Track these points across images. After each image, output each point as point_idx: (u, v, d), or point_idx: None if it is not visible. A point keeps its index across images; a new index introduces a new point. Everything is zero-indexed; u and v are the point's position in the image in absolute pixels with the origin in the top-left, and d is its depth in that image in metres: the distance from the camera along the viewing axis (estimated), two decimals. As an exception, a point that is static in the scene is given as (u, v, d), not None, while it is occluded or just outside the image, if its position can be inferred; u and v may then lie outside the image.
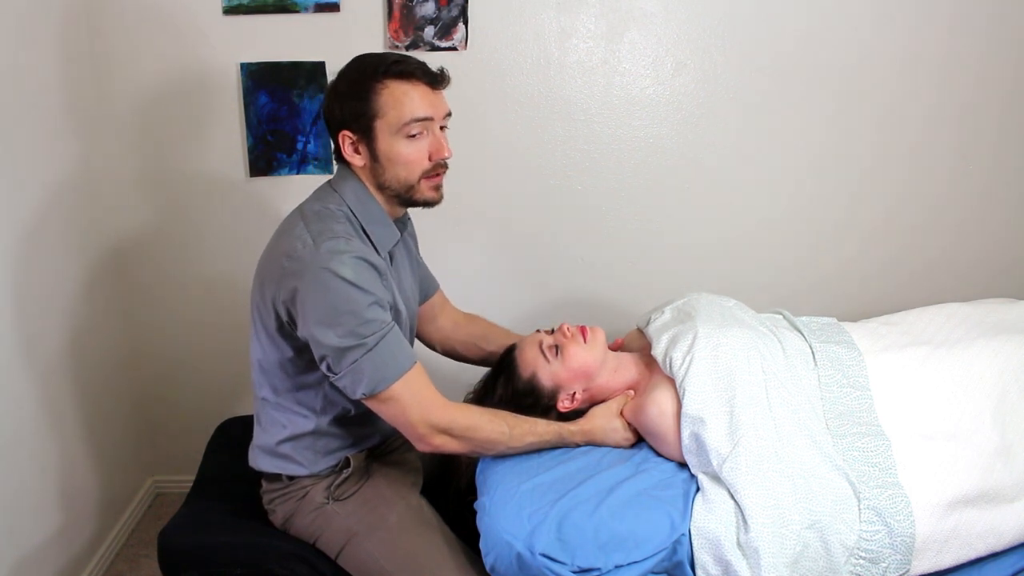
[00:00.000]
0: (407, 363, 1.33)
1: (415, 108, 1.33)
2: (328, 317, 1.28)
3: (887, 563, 1.31)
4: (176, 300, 2.22)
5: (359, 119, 1.34)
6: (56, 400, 1.88)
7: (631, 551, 1.29)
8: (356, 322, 1.28)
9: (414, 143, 1.35)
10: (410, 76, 1.33)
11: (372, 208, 1.39)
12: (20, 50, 1.72)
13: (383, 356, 1.30)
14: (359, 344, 1.28)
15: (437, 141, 1.37)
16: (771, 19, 2.02)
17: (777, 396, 1.44)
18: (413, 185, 1.37)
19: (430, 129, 1.36)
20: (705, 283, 2.17)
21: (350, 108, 1.34)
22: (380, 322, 1.31)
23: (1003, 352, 1.50)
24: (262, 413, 1.48)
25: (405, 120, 1.32)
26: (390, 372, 1.31)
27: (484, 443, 1.40)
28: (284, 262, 1.32)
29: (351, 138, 1.36)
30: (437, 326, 1.75)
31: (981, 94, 2.10)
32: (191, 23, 1.97)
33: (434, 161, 1.37)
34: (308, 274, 1.28)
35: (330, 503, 1.46)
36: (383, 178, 1.37)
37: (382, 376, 1.31)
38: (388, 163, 1.35)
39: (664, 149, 2.12)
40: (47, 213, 1.83)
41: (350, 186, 1.39)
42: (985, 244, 2.24)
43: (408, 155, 1.35)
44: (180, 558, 1.45)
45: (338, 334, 1.28)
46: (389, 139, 1.34)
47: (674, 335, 1.54)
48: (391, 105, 1.32)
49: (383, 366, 1.30)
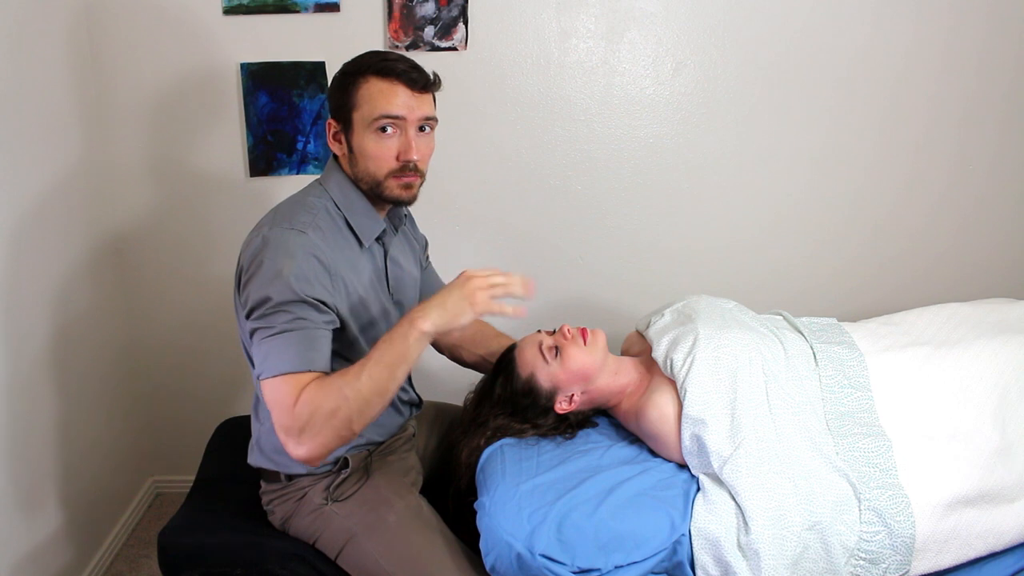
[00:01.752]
0: (290, 367, 1.23)
1: (388, 106, 1.35)
2: (253, 293, 1.27)
3: (887, 564, 1.31)
4: (176, 300, 2.21)
5: (341, 109, 1.39)
6: (56, 400, 1.88)
7: (631, 551, 1.29)
8: (268, 305, 1.26)
9: (383, 140, 1.36)
10: (389, 73, 1.35)
11: (355, 199, 1.42)
12: (21, 50, 1.72)
13: (276, 348, 1.24)
14: (264, 327, 1.26)
15: (406, 142, 1.37)
16: (771, 19, 2.02)
17: (778, 397, 1.44)
18: (380, 181, 1.39)
19: (403, 129, 1.37)
20: (705, 284, 2.17)
21: (336, 98, 1.39)
22: (294, 317, 1.26)
23: (1003, 352, 1.50)
24: (260, 411, 1.48)
25: (376, 115, 1.35)
26: (270, 365, 1.24)
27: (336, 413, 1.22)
28: (243, 250, 1.35)
29: (335, 127, 1.41)
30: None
31: (981, 94, 2.09)
32: (191, 23, 1.97)
33: (401, 161, 1.38)
34: (252, 257, 1.30)
35: (329, 504, 1.46)
36: (356, 169, 1.41)
37: (264, 366, 1.25)
38: (360, 156, 1.39)
39: (664, 149, 2.12)
40: (47, 212, 1.83)
41: (335, 179, 1.43)
42: (985, 244, 2.24)
43: (375, 150, 1.37)
44: (180, 558, 1.45)
45: (258, 312, 1.27)
46: (362, 132, 1.37)
47: (675, 337, 1.54)
48: (366, 99, 1.35)
49: (269, 356, 1.25)
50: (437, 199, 2.06)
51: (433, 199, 1.80)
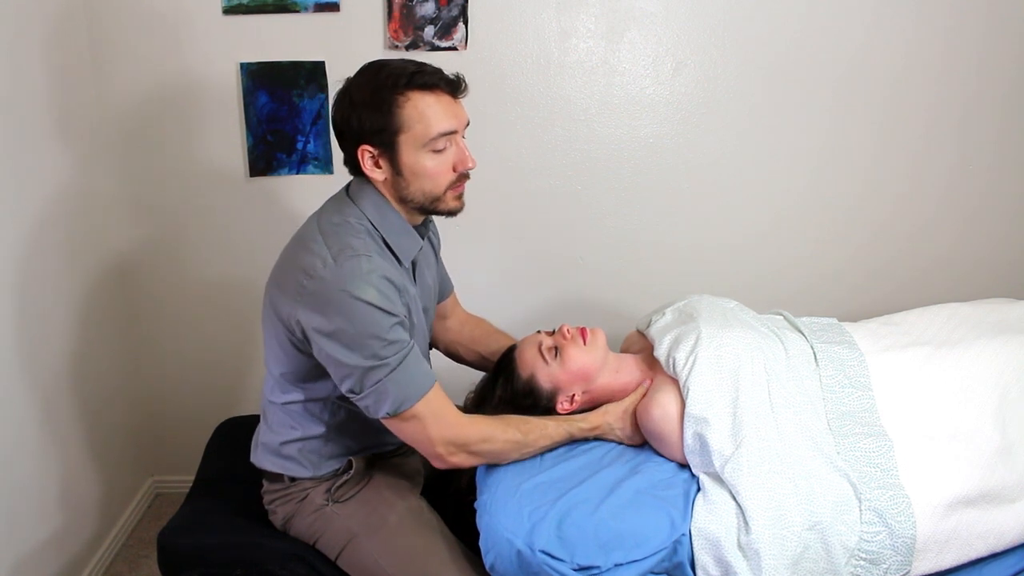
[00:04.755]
0: (428, 382, 1.32)
1: (441, 123, 1.29)
2: (351, 340, 1.25)
3: (888, 564, 1.31)
4: (176, 300, 2.21)
5: (380, 133, 1.29)
6: (56, 400, 1.88)
7: (631, 550, 1.29)
8: (379, 344, 1.26)
9: (440, 156, 1.31)
10: (433, 87, 1.29)
11: (392, 219, 1.36)
12: (19, 50, 1.72)
13: (406, 376, 1.29)
14: (382, 365, 1.27)
15: (461, 152, 1.34)
16: (771, 19, 2.02)
17: (780, 397, 1.44)
18: (439, 197, 1.35)
19: (454, 141, 1.33)
20: (705, 284, 2.17)
21: (371, 121, 1.28)
22: (402, 343, 1.29)
23: (1004, 352, 1.50)
24: (269, 412, 1.48)
25: (432, 135, 1.29)
26: (412, 392, 1.30)
27: (499, 455, 1.40)
28: (303, 280, 1.28)
29: (371, 152, 1.31)
30: (445, 325, 1.75)
31: (981, 94, 2.09)
32: (191, 23, 1.97)
33: (458, 172, 1.35)
34: (329, 297, 1.25)
35: (330, 505, 1.46)
36: (406, 191, 1.34)
37: (405, 396, 1.29)
38: (413, 177, 1.32)
39: (664, 149, 2.12)
40: (47, 213, 1.83)
41: (369, 198, 1.36)
42: (985, 244, 2.24)
43: (434, 169, 1.32)
44: (180, 558, 1.45)
45: (362, 356, 1.26)
46: (414, 154, 1.30)
47: (677, 336, 1.54)
48: (416, 119, 1.28)
49: (406, 386, 1.29)
50: (437, 199, 2.06)
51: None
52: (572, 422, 1.50)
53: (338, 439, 1.46)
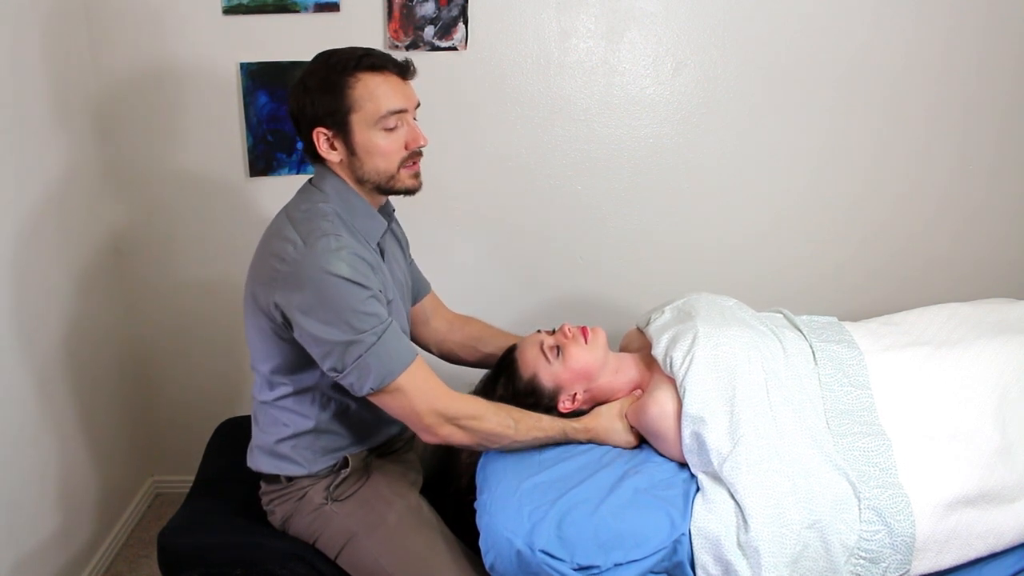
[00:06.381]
0: (409, 354, 1.35)
1: (391, 101, 1.34)
2: (329, 317, 1.28)
3: (887, 563, 1.31)
4: (175, 300, 2.21)
5: (334, 114, 1.34)
6: (55, 400, 1.88)
7: (631, 550, 1.29)
8: (357, 319, 1.29)
9: (391, 135, 1.36)
10: (382, 68, 1.35)
11: (355, 202, 1.40)
12: (18, 48, 1.72)
13: (386, 350, 1.31)
14: (360, 339, 1.29)
15: (413, 131, 1.39)
16: (771, 19, 2.02)
17: (778, 395, 1.44)
18: (393, 175, 1.39)
19: (404, 120, 1.38)
20: (705, 282, 2.17)
21: (324, 104, 1.34)
22: (379, 316, 1.32)
23: (1004, 352, 1.50)
24: (260, 413, 1.48)
25: (382, 113, 1.34)
26: (394, 365, 1.32)
27: (489, 434, 1.40)
28: (276, 264, 1.32)
29: (326, 134, 1.36)
30: (431, 328, 1.75)
31: (981, 94, 2.09)
32: (191, 23, 1.97)
33: (411, 150, 1.39)
34: (304, 277, 1.29)
35: (329, 503, 1.46)
36: (362, 171, 1.38)
37: (388, 370, 1.31)
38: (366, 156, 1.37)
39: (664, 149, 2.12)
40: (45, 212, 1.83)
41: (330, 183, 1.40)
42: (985, 244, 2.24)
43: (386, 146, 1.36)
44: (180, 558, 1.45)
45: (340, 330, 1.28)
46: (366, 132, 1.35)
47: (674, 335, 1.54)
48: (367, 98, 1.33)
49: (388, 360, 1.31)
50: (437, 199, 2.06)
51: (433, 199, 1.80)
52: (567, 422, 1.50)
53: (330, 433, 1.46)
